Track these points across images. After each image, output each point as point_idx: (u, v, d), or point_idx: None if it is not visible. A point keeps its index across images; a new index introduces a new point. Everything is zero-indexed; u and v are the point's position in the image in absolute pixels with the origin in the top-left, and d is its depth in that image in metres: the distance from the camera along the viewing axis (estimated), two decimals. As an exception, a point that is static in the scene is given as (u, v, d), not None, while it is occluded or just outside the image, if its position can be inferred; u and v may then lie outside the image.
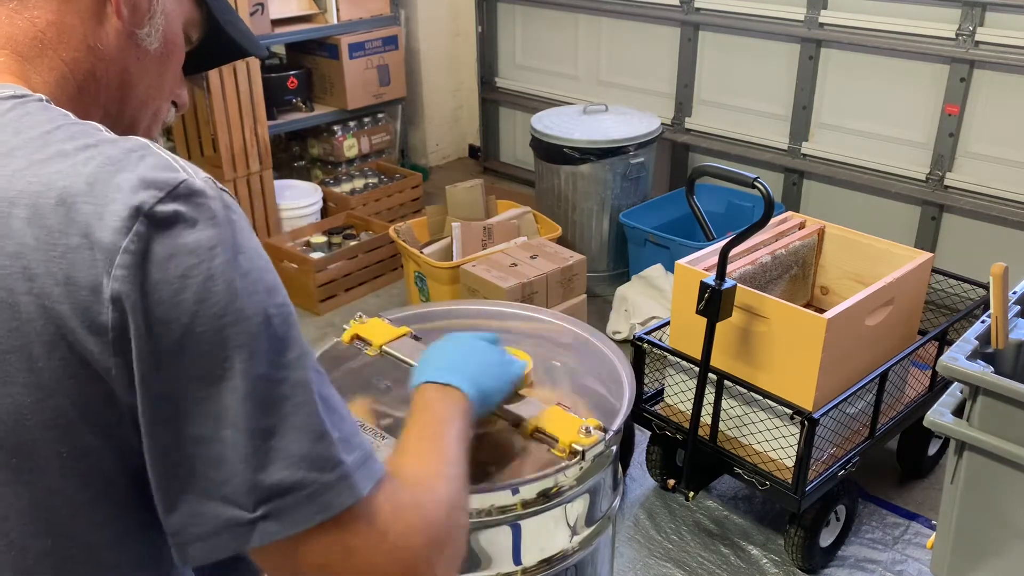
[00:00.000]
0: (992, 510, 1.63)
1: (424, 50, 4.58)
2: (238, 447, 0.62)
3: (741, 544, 2.31)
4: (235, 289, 0.62)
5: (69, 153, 0.64)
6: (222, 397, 0.62)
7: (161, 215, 0.61)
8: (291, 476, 0.63)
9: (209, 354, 0.61)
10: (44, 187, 0.62)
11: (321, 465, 0.64)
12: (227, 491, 0.62)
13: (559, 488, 1.15)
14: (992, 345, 1.67)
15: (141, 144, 0.66)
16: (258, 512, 0.62)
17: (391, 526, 0.67)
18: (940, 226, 3.24)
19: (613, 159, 3.40)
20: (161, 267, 0.60)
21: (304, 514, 0.63)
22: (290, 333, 0.65)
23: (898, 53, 3.16)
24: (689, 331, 2.17)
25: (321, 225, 3.75)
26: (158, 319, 0.60)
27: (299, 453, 0.63)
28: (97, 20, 0.75)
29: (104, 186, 0.62)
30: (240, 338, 0.62)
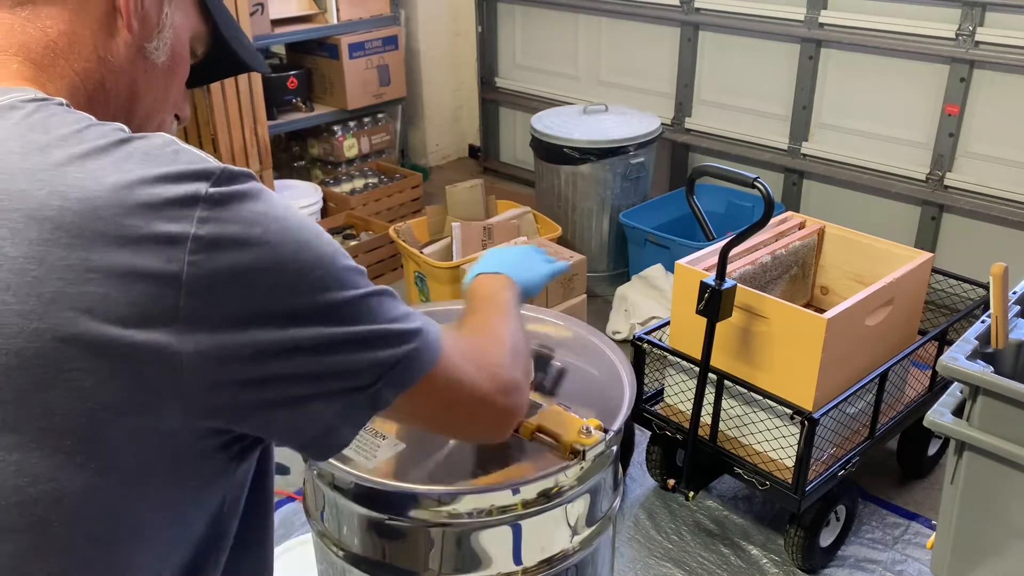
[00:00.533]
0: (992, 510, 1.63)
1: (424, 50, 4.58)
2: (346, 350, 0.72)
3: (741, 544, 2.31)
4: (299, 244, 0.69)
5: (107, 148, 0.66)
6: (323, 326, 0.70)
7: (217, 197, 0.66)
8: (392, 354, 0.75)
9: (300, 298, 0.69)
10: (92, 181, 0.64)
11: (407, 337, 0.76)
12: (349, 383, 0.73)
13: (559, 488, 1.15)
14: (992, 345, 1.67)
15: (169, 140, 0.70)
16: (377, 385, 0.74)
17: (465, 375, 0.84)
18: (940, 226, 3.24)
19: (613, 159, 3.40)
20: (229, 245, 0.65)
21: (407, 377, 0.77)
22: (348, 261, 0.74)
23: (898, 53, 3.16)
24: (689, 331, 2.17)
25: (321, 225, 3.75)
26: (238, 295, 0.66)
27: (392, 334, 0.75)
28: (108, 32, 0.77)
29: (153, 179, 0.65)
30: (321, 281, 0.70)
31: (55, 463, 0.65)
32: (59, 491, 0.65)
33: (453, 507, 1.12)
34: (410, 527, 1.14)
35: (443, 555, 1.15)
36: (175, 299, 0.64)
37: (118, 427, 0.65)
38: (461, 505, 1.12)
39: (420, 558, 1.16)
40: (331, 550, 1.23)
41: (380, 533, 1.17)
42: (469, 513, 1.13)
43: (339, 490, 1.18)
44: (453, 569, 1.16)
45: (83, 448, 0.65)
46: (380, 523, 1.16)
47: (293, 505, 2.41)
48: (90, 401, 0.64)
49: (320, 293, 0.70)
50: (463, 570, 1.16)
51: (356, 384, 0.73)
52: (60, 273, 0.62)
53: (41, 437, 0.64)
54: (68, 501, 0.66)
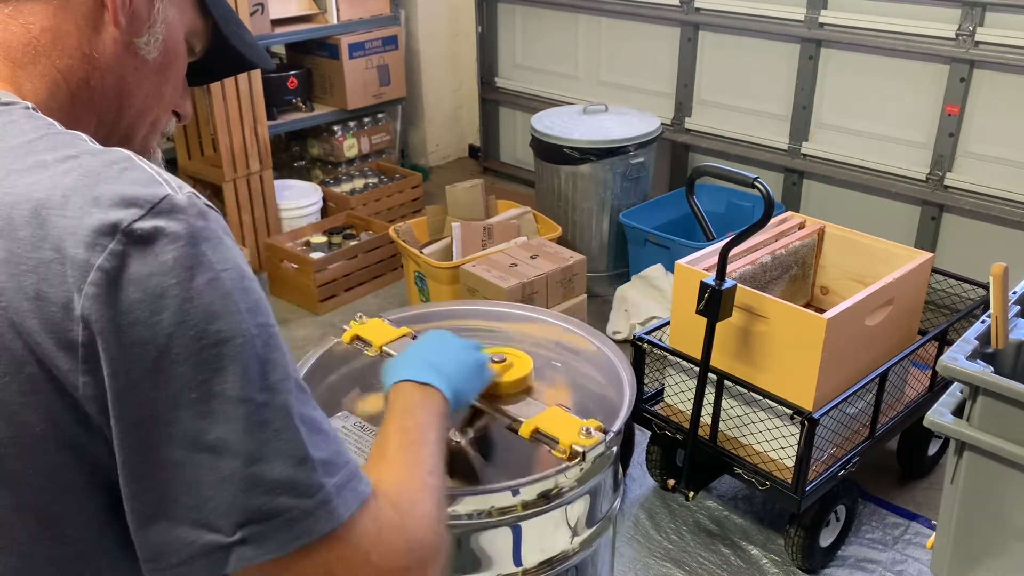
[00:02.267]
0: (992, 510, 1.63)
1: (424, 50, 4.58)
2: (215, 471, 0.60)
3: (741, 544, 2.31)
4: (215, 310, 0.60)
5: (48, 164, 0.62)
6: (199, 420, 0.60)
7: (140, 232, 0.59)
8: (270, 502, 0.61)
9: (186, 376, 0.59)
10: (20, 198, 0.60)
11: (302, 491, 0.62)
12: (203, 515, 0.61)
13: (559, 489, 1.15)
14: (992, 345, 1.67)
15: (124, 156, 0.64)
16: (236, 536, 0.61)
17: (374, 547, 0.66)
18: (940, 226, 3.24)
19: (613, 159, 3.40)
20: (138, 286, 0.59)
21: (283, 539, 0.62)
22: (272, 355, 0.63)
23: (898, 53, 3.16)
24: (689, 331, 2.17)
25: (321, 225, 3.75)
26: (132, 340, 0.59)
27: (279, 479, 0.61)
28: (94, 28, 0.73)
29: (81, 199, 0.60)
30: (220, 361, 0.60)
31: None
32: None
33: (453, 508, 1.12)
34: (410, 528, 1.14)
35: (443, 556, 1.15)
36: (73, 328, 0.59)
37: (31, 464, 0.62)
38: (461, 506, 1.12)
39: (420, 559, 1.16)
40: (331, 551, 1.23)
41: (380, 534, 1.17)
42: (469, 514, 1.12)
43: (339, 491, 1.18)
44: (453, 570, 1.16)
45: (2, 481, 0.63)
46: (380, 524, 1.16)
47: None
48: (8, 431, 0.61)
49: (224, 383, 0.60)
50: (463, 571, 1.16)
51: (212, 526, 0.61)
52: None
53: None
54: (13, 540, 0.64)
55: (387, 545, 0.67)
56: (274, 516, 0.61)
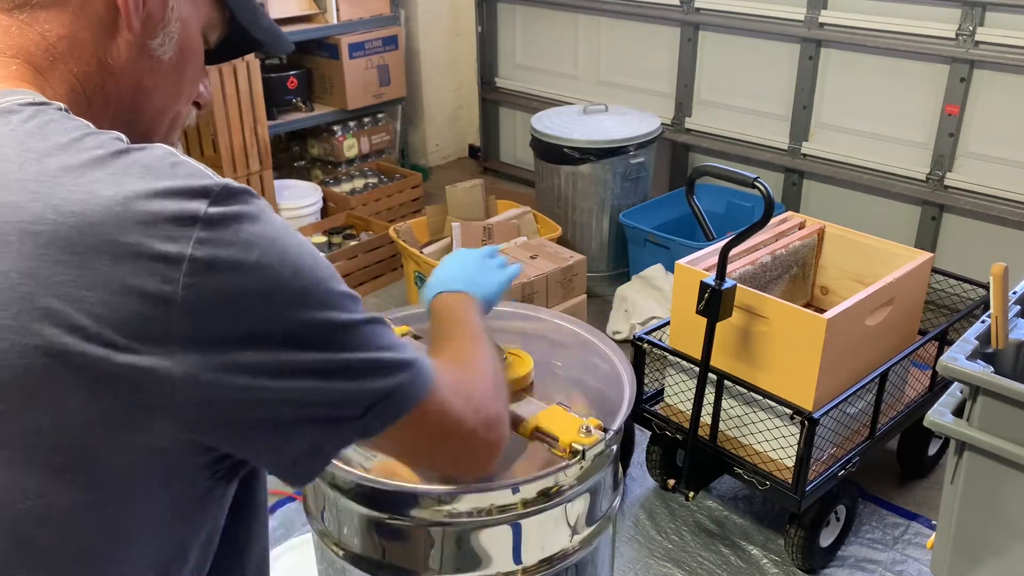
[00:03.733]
0: (992, 510, 1.63)
1: (424, 50, 4.58)
2: (339, 377, 0.71)
3: (741, 544, 2.31)
4: (296, 267, 0.68)
5: (104, 160, 0.64)
6: (318, 351, 0.69)
7: (216, 218, 0.64)
8: (385, 383, 0.74)
9: (293, 326, 0.68)
10: (88, 195, 0.62)
11: (400, 366, 0.75)
12: (340, 411, 0.72)
13: (559, 487, 1.15)
14: (992, 345, 1.67)
15: (167, 151, 0.68)
16: (367, 416, 0.73)
17: (452, 396, 0.82)
18: (940, 226, 3.24)
19: (613, 159, 3.40)
20: (229, 266, 0.64)
21: (395, 410, 0.75)
22: (343, 287, 0.73)
23: (898, 53, 3.16)
24: (689, 331, 2.17)
25: (321, 225, 3.76)
26: (237, 315, 0.65)
27: (384, 365, 0.74)
28: (108, 34, 0.74)
29: (150, 194, 0.63)
30: (316, 306, 0.69)
31: (43, 479, 0.64)
32: (47, 507, 0.64)
33: (453, 506, 1.12)
34: (410, 526, 1.14)
35: (443, 554, 1.15)
36: (168, 319, 0.62)
37: (107, 445, 0.64)
38: (461, 504, 1.12)
39: (420, 557, 1.16)
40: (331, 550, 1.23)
41: (380, 533, 1.17)
42: (469, 512, 1.12)
43: (339, 490, 1.18)
44: (453, 568, 1.16)
45: (72, 465, 0.64)
46: (380, 522, 1.16)
47: (293, 505, 2.41)
48: (80, 418, 0.63)
49: (314, 318, 0.69)
50: (463, 569, 1.16)
51: (345, 413, 0.72)
52: (52, 289, 0.61)
53: (30, 453, 0.63)
54: (56, 518, 0.65)
55: (460, 394, 0.83)
56: (390, 392, 0.74)
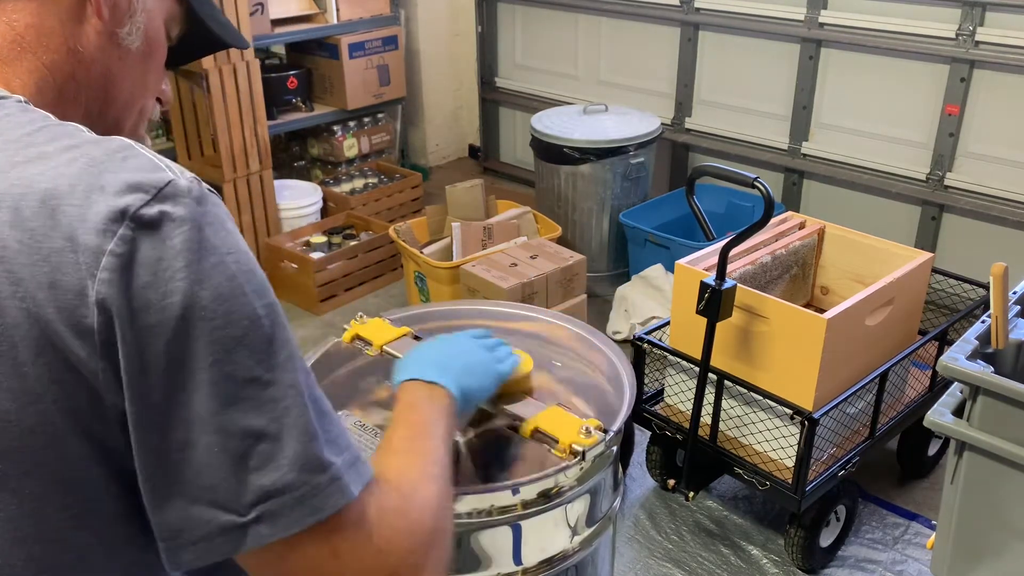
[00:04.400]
0: (992, 510, 1.63)
1: (424, 50, 4.58)
2: (228, 451, 0.61)
3: (741, 544, 2.31)
4: (222, 292, 0.61)
5: (51, 154, 0.63)
6: (211, 400, 0.61)
7: (148, 218, 0.60)
8: (283, 478, 0.62)
9: (197, 358, 0.61)
10: (26, 189, 0.61)
11: (313, 467, 0.63)
12: (218, 496, 0.62)
13: (559, 488, 1.15)
14: (992, 345, 1.67)
15: (124, 144, 0.65)
16: (251, 515, 0.62)
17: (377, 529, 0.67)
18: (940, 226, 3.24)
19: (613, 159, 3.40)
20: (148, 270, 0.60)
21: (296, 516, 0.62)
22: (279, 334, 0.64)
23: (898, 53, 3.16)
24: (689, 331, 2.17)
25: (321, 225, 3.76)
26: (145, 324, 0.60)
27: (291, 455, 0.63)
28: (77, 21, 0.74)
29: (88, 188, 0.61)
30: (228, 341, 0.61)
31: None
32: None
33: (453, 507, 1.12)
34: (410, 527, 1.14)
35: (443, 555, 1.15)
36: (87, 316, 0.60)
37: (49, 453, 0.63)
38: (461, 505, 1.12)
39: (420, 558, 1.16)
40: (331, 550, 1.23)
41: (380, 533, 1.17)
42: (469, 513, 1.12)
43: (339, 490, 1.18)
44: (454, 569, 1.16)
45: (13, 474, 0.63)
46: (380, 523, 1.16)
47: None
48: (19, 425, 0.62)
49: (235, 363, 0.61)
50: (463, 570, 1.16)
51: (227, 505, 0.62)
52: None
53: None
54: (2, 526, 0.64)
55: (390, 528, 0.68)
56: (287, 492, 0.62)
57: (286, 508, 0.62)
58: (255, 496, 0.62)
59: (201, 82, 3.39)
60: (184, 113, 3.70)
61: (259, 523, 0.62)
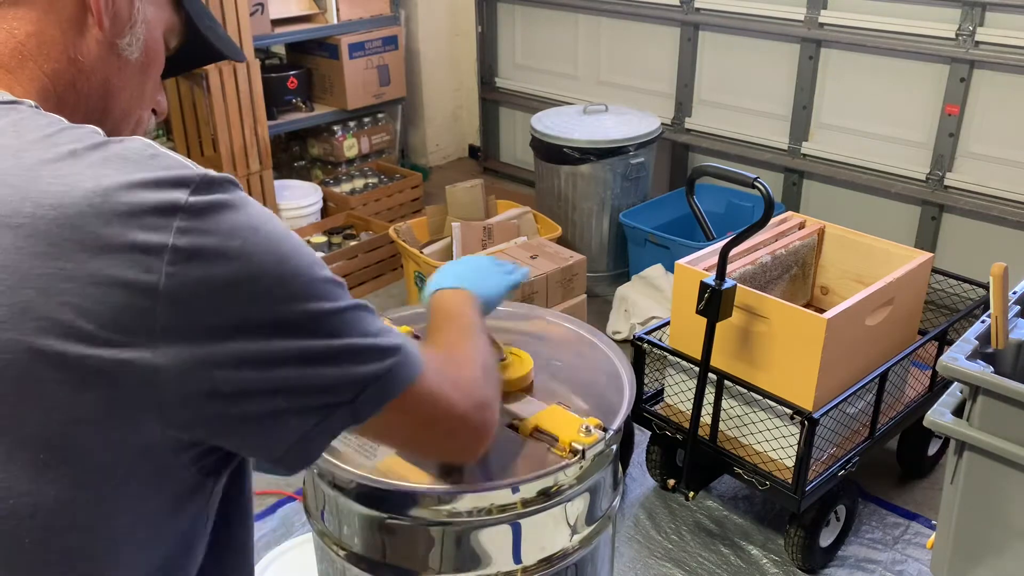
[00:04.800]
0: (992, 510, 1.63)
1: (424, 50, 4.58)
2: (328, 363, 0.71)
3: (741, 544, 2.31)
4: (279, 255, 0.68)
5: (80, 153, 0.64)
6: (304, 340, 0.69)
7: (198, 207, 0.64)
8: (374, 367, 0.74)
9: (279, 314, 0.67)
10: (67, 187, 0.62)
11: (388, 352, 0.75)
12: (329, 398, 0.72)
13: (559, 487, 1.15)
14: (992, 345, 1.67)
15: (147, 143, 0.67)
16: (358, 400, 0.73)
17: (441, 390, 0.83)
18: (940, 226, 3.24)
19: (613, 159, 3.40)
20: (212, 254, 0.64)
21: (394, 386, 0.76)
22: (327, 273, 0.72)
23: (898, 53, 3.16)
24: (689, 331, 2.17)
25: (321, 225, 3.76)
26: (221, 304, 0.64)
27: (372, 347, 0.74)
28: (78, 31, 0.74)
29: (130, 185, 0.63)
30: (300, 293, 0.69)
31: (28, 476, 0.63)
32: (32, 505, 0.64)
33: (453, 506, 1.12)
34: (410, 526, 1.14)
35: (443, 554, 1.15)
36: (152, 310, 0.62)
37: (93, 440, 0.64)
38: (461, 504, 1.12)
39: (420, 557, 1.16)
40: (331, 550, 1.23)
41: (380, 532, 1.17)
42: (469, 512, 1.12)
43: (339, 489, 1.18)
44: (453, 568, 1.16)
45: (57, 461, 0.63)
46: (380, 522, 1.16)
47: (293, 505, 2.41)
48: (64, 413, 0.62)
49: (300, 305, 0.69)
50: (463, 569, 1.16)
51: (335, 399, 0.72)
52: (33, 283, 0.61)
53: (14, 450, 0.63)
54: (41, 516, 0.64)
55: (449, 384, 0.84)
56: (379, 375, 0.74)
57: (378, 389, 0.74)
58: (356, 386, 0.73)
59: (201, 82, 3.39)
60: (184, 113, 3.70)
61: (363, 404, 0.74)
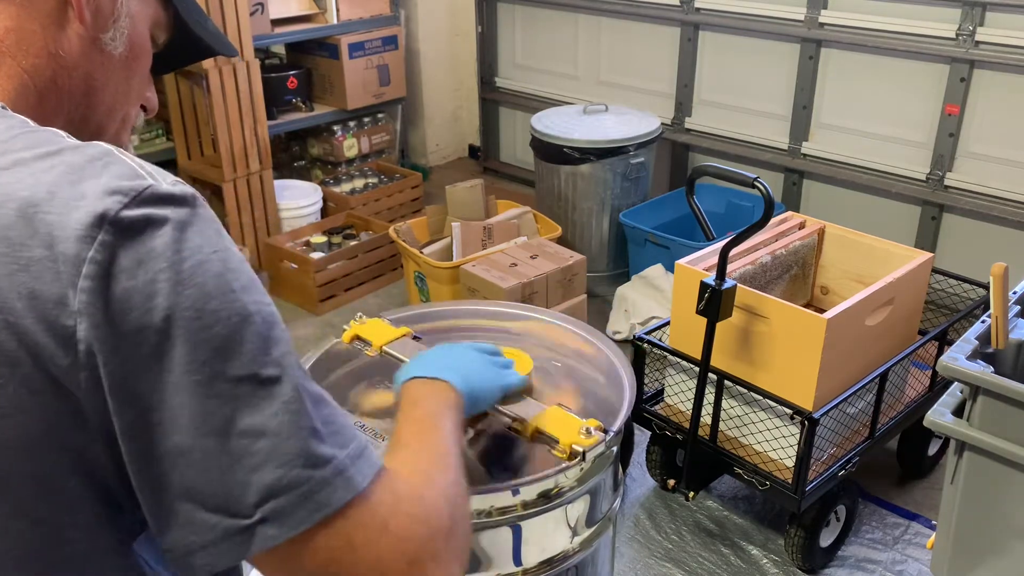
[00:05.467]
0: (992, 510, 1.63)
1: (424, 50, 4.58)
2: (226, 452, 0.60)
3: (741, 544, 2.31)
4: (208, 291, 0.60)
5: (28, 161, 0.61)
6: (204, 402, 0.59)
7: (127, 221, 0.59)
8: (285, 476, 0.60)
9: (187, 359, 0.59)
10: (4, 197, 0.59)
11: (315, 461, 0.61)
12: (220, 500, 0.60)
13: (559, 489, 1.15)
14: (992, 345, 1.67)
15: (105, 151, 0.64)
16: (256, 517, 0.60)
17: (392, 518, 0.65)
18: (940, 226, 3.24)
19: (613, 159, 3.40)
20: (130, 275, 0.58)
21: (302, 514, 0.61)
22: (272, 331, 0.63)
23: (898, 53, 3.16)
24: (689, 331, 2.17)
25: (321, 225, 3.75)
26: (130, 329, 0.58)
27: (291, 451, 0.61)
28: (58, 26, 0.72)
29: (67, 195, 0.59)
30: (218, 340, 0.60)
31: None
32: None
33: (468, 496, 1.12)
34: (410, 528, 1.14)
35: (443, 556, 1.15)
36: (71, 326, 0.58)
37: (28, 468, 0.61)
38: (461, 506, 1.12)
39: (420, 559, 1.16)
40: (331, 550, 1.23)
41: (380, 534, 1.17)
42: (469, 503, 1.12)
43: (339, 491, 1.18)
44: (453, 569, 1.16)
45: None
46: (380, 524, 1.16)
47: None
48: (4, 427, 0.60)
49: (226, 361, 0.60)
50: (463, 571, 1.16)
51: (230, 509, 0.60)
52: None
53: None
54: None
55: (405, 515, 0.66)
56: (292, 489, 0.60)
57: (291, 506, 0.60)
58: (258, 496, 0.60)
59: (201, 82, 3.39)
60: (184, 113, 3.70)
61: (265, 524, 0.60)
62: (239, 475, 0.60)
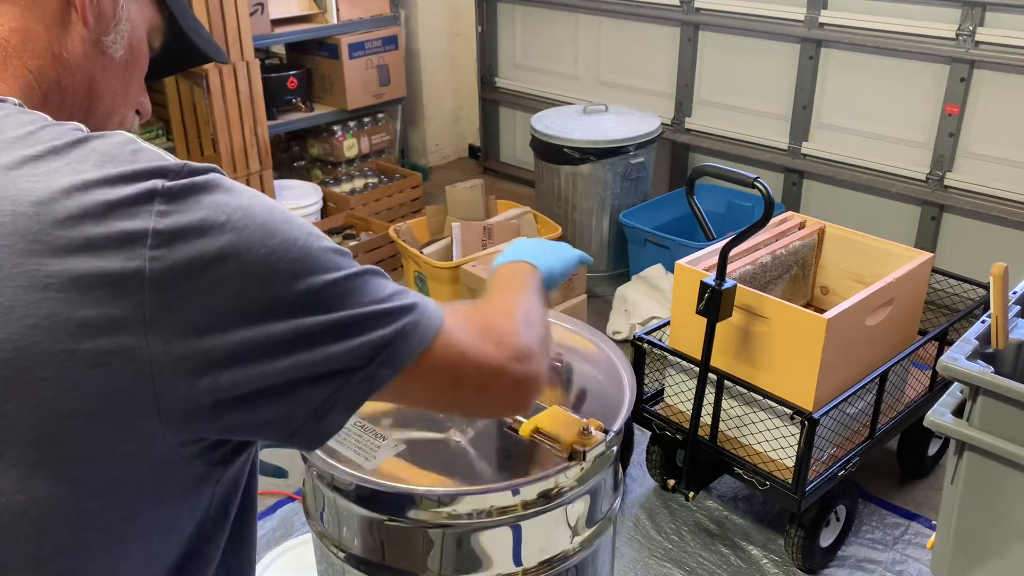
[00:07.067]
0: (992, 510, 1.63)
1: (424, 50, 4.58)
2: (334, 339, 0.68)
3: (741, 544, 2.31)
4: (267, 229, 0.65)
5: (61, 150, 0.64)
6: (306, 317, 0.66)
7: (177, 190, 0.63)
8: (384, 332, 0.70)
9: (272, 290, 0.65)
10: (46, 184, 0.62)
11: (403, 312, 0.72)
12: (342, 369, 0.68)
13: (560, 489, 1.15)
14: (992, 345, 1.67)
15: (129, 138, 0.67)
16: (371, 367, 0.70)
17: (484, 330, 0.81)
18: (940, 226, 3.24)
19: (613, 159, 3.40)
20: (195, 234, 0.62)
21: (404, 353, 0.71)
22: (325, 242, 0.70)
23: (898, 53, 3.16)
24: (689, 331, 2.17)
25: (321, 225, 3.75)
26: (209, 285, 0.63)
27: (379, 315, 0.70)
28: (62, 27, 0.74)
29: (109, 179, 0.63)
30: (295, 267, 0.66)
31: (20, 475, 0.63)
32: (24, 504, 0.63)
33: (453, 508, 1.12)
34: (410, 528, 1.14)
35: (443, 556, 1.15)
36: (140, 300, 0.61)
37: (86, 437, 0.63)
38: (461, 506, 1.12)
39: (420, 559, 1.16)
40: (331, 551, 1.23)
41: (380, 534, 1.17)
42: (469, 514, 1.13)
43: (339, 491, 1.18)
44: (453, 570, 1.16)
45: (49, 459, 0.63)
46: (380, 524, 1.16)
47: (293, 505, 2.41)
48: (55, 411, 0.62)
49: (295, 280, 0.66)
50: (463, 571, 1.16)
51: (347, 367, 0.69)
52: (17, 280, 0.60)
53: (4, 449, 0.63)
54: (34, 513, 0.64)
55: (476, 337, 0.79)
56: (395, 338, 0.71)
57: (392, 354, 0.70)
58: (369, 353, 0.69)
59: (201, 82, 3.39)
60: (184, 113, 3.70)
61: (378, 369, 0.70)
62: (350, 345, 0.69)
